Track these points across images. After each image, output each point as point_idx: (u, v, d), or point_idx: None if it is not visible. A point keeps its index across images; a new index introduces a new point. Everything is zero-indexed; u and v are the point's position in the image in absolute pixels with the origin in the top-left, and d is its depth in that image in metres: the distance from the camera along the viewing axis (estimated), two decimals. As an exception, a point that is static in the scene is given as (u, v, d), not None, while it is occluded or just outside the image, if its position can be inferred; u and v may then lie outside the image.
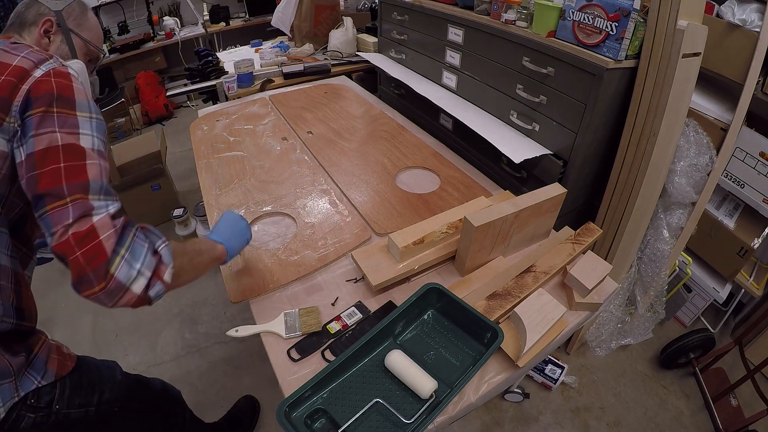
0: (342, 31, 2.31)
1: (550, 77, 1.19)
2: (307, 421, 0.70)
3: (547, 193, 0.99)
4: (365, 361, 0.80)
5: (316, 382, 0.72)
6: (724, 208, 1.69)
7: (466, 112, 1.46)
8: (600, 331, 1.65)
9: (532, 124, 1.29)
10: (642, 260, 1.52)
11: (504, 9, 1.28)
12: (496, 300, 0.89)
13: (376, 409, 0.72)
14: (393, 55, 1.96)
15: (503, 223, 0.93)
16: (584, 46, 1.09)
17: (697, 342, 1.60)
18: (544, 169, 1.27)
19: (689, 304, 1.82)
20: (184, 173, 3.01)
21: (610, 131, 1.23)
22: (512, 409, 1.56)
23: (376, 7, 2.18)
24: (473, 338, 0.83)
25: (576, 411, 1.56)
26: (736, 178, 1.54)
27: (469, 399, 0.77)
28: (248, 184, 1.30)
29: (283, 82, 2.13)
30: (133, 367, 1.75)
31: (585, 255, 0.99)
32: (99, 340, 1.88)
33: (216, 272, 2.15)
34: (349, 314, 0.91)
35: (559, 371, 1.56)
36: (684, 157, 1.29)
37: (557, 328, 0.86)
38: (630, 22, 0.99)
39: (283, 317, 0.87)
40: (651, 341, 1.76)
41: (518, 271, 0.97)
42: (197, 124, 1.68)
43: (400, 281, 0.98)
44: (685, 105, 1.16)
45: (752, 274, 1.69)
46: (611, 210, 1.35)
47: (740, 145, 1.46)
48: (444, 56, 1.60)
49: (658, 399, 1.60)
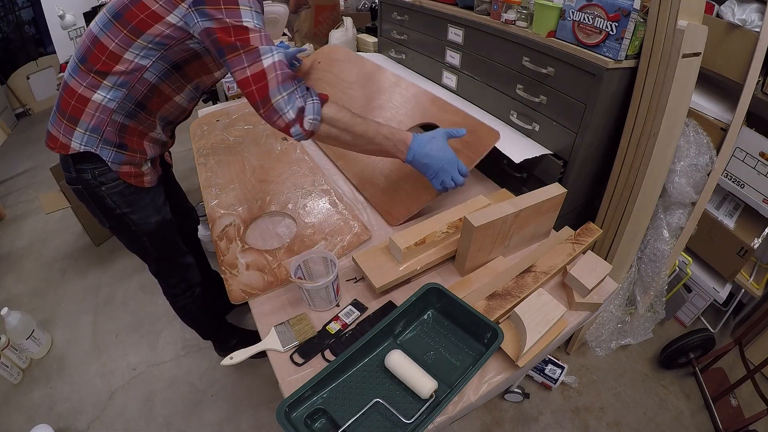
0: (342, 31, 2.31)
1: (550, 77, 1.19)
2: (307, 421, 0.70)
3: (547, 193, 0.99)
4: (365, 361, 0.80)
5: (316, 382, 0.71)
6: (724, 208, 1.69)
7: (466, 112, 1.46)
8: (600, 331, 1.65)
9: (532, 124, 1.29)
10: (642, 260, 1.52)
11: (504, 9, 1.28)
12: (496, 300, 0.89)
13: (376, 409, 0.72)
14: (393, 55, 1.96)
15: (503, 223, 0.93)
16: (584, 46, 1.09)
17: (697, 342, 1.60)
18: (544, 169, 1.27)
19: (689, 304, 1.82)
20: (184, 173, 3.01)
21: (610, 131, 1.23)
22: (512, 409, 1.56)
23: (376, 7, 2.18)
24: (473, 338, 0.83)
25: (576, 411, 1.56)
26: (736, 178, 1.54)
27: (469, 399, 0.77)
28: (248, 184, 1.30)
29: (283, 82, 2.13)
30: (132, 367, 1.76)
31: (585, 255, 0.99)
32: (99, 340, 1.88)
33: (216, 272, 2.15)
34: (347, 313, 0.91)
35: (559, 371, 1.56)
36: (684, 157, 1.29)
37: (557, 328, 0.86)
38: (630, 22, 0.99)
39: (274, 331, 0.86)
40: (651, 341, 1.76)
41: (518, 271, 0.97)
42: (198, 124, 1.68)
43: (401, 283, 0.98)
44: (685, 105, 1.16)
45: (752, 274, 1.69)
46: (611, 210, 1.35)
47: (740, 145, 1.46)
48: (444, 56, 1.60)
49: (658, 399, 1.60)
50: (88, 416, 1.59)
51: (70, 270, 2.28)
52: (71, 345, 1.87)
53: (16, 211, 2.84)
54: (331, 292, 0.89)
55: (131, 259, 2.30)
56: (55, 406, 1.64)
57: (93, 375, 1.74)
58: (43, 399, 1.66)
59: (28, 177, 3.24)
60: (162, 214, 1.19)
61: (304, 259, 0.92)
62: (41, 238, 2.54)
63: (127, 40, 0.89)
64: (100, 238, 2.42)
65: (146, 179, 1.10)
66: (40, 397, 1.67)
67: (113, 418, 1.58)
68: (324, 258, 0.93)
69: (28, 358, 1.80)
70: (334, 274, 0.87)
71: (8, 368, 1.68)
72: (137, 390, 1.68)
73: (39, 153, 3.54)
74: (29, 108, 4.31)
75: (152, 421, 1.57)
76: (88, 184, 1.02)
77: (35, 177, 3.22)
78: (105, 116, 0.95)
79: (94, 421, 1.58)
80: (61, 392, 1.68)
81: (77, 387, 1.70)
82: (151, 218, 1.15)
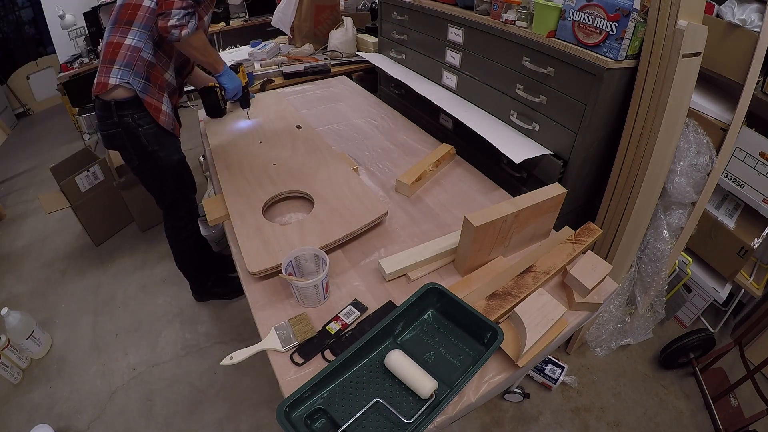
0: (342, 31, 2.31)
1: (550, 77, 1.19)
2: (307, 421, 0.70)
3: (546, 193, 0.99)
4: (365, 361, 0.80)
5: (316, 382, 0.71)
6: (724, 208, 1.69)
7: (466, 112, 1.46)
8: (600, 331, 1.65)
9: (532, 124, 1.30)
10: (642, 260, 1.52)
11: (504, 9, 1.28)
12: (496, 300, 0.89)
13: (376, 409, 0.72)
14: (393, 55, 1.96)
15: (503, 223, 0.93)
16: (584, 46, 1.09)
17: (697, 342, 1.60)
18: (544, 169, 1.27)
19: (689, 304, 1.82)
20: (184, 173, 3.01)
21: (610, 131, 1.23)
22: (512, 409, 1.56)
23: (376, 7, 2.18)
24: (473, 338, 0.83)
25: (576, 411, 1.56)
26: (736, 178, 1.53)
27: (469, 399, 0.77)
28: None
29: (283, 82, 2.14)
30: (132, 367, 1.76)
31: (585, 255, 0.99)
32: (99, 340, 1.88)
33: (216, 272, 2.15)
34: (347, 313, 0.91)
35: (559, 371, 1.56)
36: (684, 157, 1.29)
37: (557, 328, 0.86)
38: (630, 22, 0.99)
39: (274, 332, 0.87)
40: (651, 341, 1.76)
41: (518, 271, 0.97)
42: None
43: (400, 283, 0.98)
44: (685, 105, 1.16)
45: (752, 274, 1.69)
46: (611, 210, 1.35)
47: (740, 145, 1.46)
48: (444, 56, 1.60)
49: (658, 399, 1.60)
50: (88, 416, 1.59)
51: (70, 270, 2.28)
52: (71, 345, 1.87)
53: (16, 211, 2.83)
54: (321, 289, 0.90)
55: (131, 259, 2.30)
56: (55, 406, 1.63)
57: (93, 375, 1.74)
58: (43, 399, 1.66)
59: (28, 177, 3.24)
60: (181, 155, 1.51)
61: (296, 256, 0.92)
62: (41, 238, 2.54)
63: None
64: (100, 238, 2.42)
65: (162, 118, 1.34)
66: (40, 397, 1.67)
67: (113, 418, 1.58)
68: (315, 255, 0.94)
69: (28, 358, 1.80)
70: (325, 272, 0.88)
71: (8, 368, 1.68)
72: (137, 390, 1.67)
73: (39, 153, 3.54)
74: (29, 108, 4.31)
75: (152, 421, 1.57)
76: (128, 126, 1.29)
77: (35, 177, 3.22)
78: (135, 54, 1.24)
79: (94, 421, 1.58)
80: (61, 392, 1.68)
81: (77, 387, 1.70)
82: (174, 155, 1.46)
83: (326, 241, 1.04)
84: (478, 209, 0.91)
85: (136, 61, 1.25)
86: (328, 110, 1.84)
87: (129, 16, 1.24)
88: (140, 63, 1.26)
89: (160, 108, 1.34)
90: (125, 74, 1.24)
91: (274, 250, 1.01)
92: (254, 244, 1.03)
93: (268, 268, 0.97)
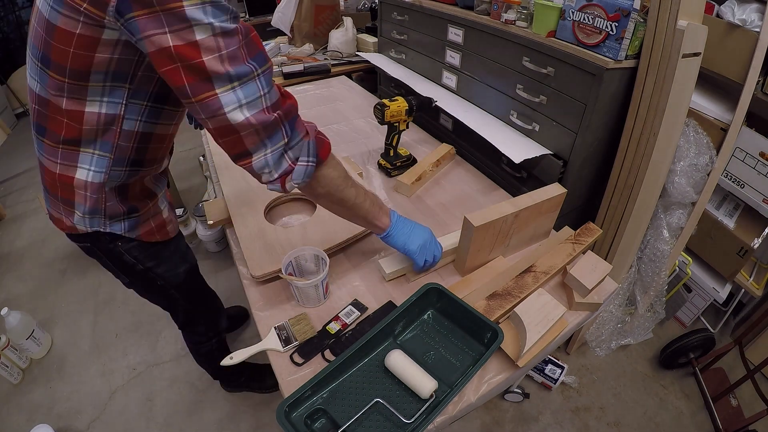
0: (342, 31, 2.31)
1: (550, 77, 1.19)
2: (307, 421, 0.70)
3: (546, 193, 0.99)
4: (365, 361, 0.80)
5: (316, 382, 0.71)
6: (724, 208, 1.69)
7: (466, 112, 1.46)
8: (600, 331, 1.65)
9: (532, 124, 1.29)
10: (642, 260, 1.52)
11: (504, 9, 1.28)
12: (496, 300, 0.89)
13: (376, 409, 0.72)
14: (393, 55, 1.96)
15: (503, 223, 0.93)
16: (584, 46, 1.09)
17: (697, 342, 1.60)
18: (544, 169, 1.27)
19: (689, 304, 1.82)
20: (184, 173, 3.01)
21: (610, 131, 1.23)
22: (512, 409, 1.56)
23: (376, 7, 2.18)
24: (473, 338, 0.83)
25: (576, 411, 1.56)
26: (736, 178, 1.54)
27: (469, 399, 0.77)
28: None
29: (283, 82, 2.13)
30: (132, 367, 1.76)
31: (585, 255, 0.99)
32: (99, 340, 1.88)
33: (215, 272, 2.15)
34: (347, 313, 0.91)
35: (559, 371, 1.56)
36: (684, 157, 1.29)
37: (557, 328, 0.86)
38: (630, 22, 0.99)
39: (274, 332, 0.86)
40: (651, 341, 1.76)
41: (518, 271, 0.97)
42: None
43: (400, 282, 0.98)
44: (685, 105, 1.16)
45: (752, 274, 1.69)
46: (611, 210, 1.35)
47: (740, 145, 1.46)
48: (444, 56, 1.60)
49: (658, 399, 1.60)
50: (88, 416, 1.59)
51: (70, 270, 2.28)
52: (71, 345, 1.87)
53: (16, 211, 2.83)
54: (321, 290, 0.90)
55: (131, 259, 2.30)
56: (55, 406, 1.63)
57: (93, 375, 1.74)
58: (43, 399, 1.66)
59: (28, 177, 3.24)
60: (189, 260, 1.07)
61: (296, 256, 0.92)
62: (41, 238, 2.54)
63: (75, 89, 0.65)
64: (100, 238, 2.42)
65: (170, 228, 0.96)
66: (40, 397, 1.67)
67: (113, 418, 1.58)
68: (315, 255, 0.94)
69: (28, 358, 1.80)
70: (325, 272, 0.88)
71: (8, 368, 1.68)
72: (137, 390, 1.67)
73: (39, 153, 3.54)
74: (29, 108, 4.30)
75: (152, 421, 1.57)
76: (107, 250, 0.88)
77: (35, 177, 3.22)
78: (97, 194, 0.77)
79: (94, 421, 1.58)
80: (61, 392, 1.68)
81: (77, 387, 1.70)
82: (179, 268, 1.03)
83: (330, 244, 1.03)
84: (478, 209, 0.91)
85: (103, 204, 0.79)
86: (329, 110, 1.84)
87: (68, 132, 0.70)
88: (111, 203, 0.80)
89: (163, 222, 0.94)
90: (95, 222, 0.81)
91: (277, 254, 1.00)
92: (257, 247, 1.02)
93: (271, 271, 0.96)
